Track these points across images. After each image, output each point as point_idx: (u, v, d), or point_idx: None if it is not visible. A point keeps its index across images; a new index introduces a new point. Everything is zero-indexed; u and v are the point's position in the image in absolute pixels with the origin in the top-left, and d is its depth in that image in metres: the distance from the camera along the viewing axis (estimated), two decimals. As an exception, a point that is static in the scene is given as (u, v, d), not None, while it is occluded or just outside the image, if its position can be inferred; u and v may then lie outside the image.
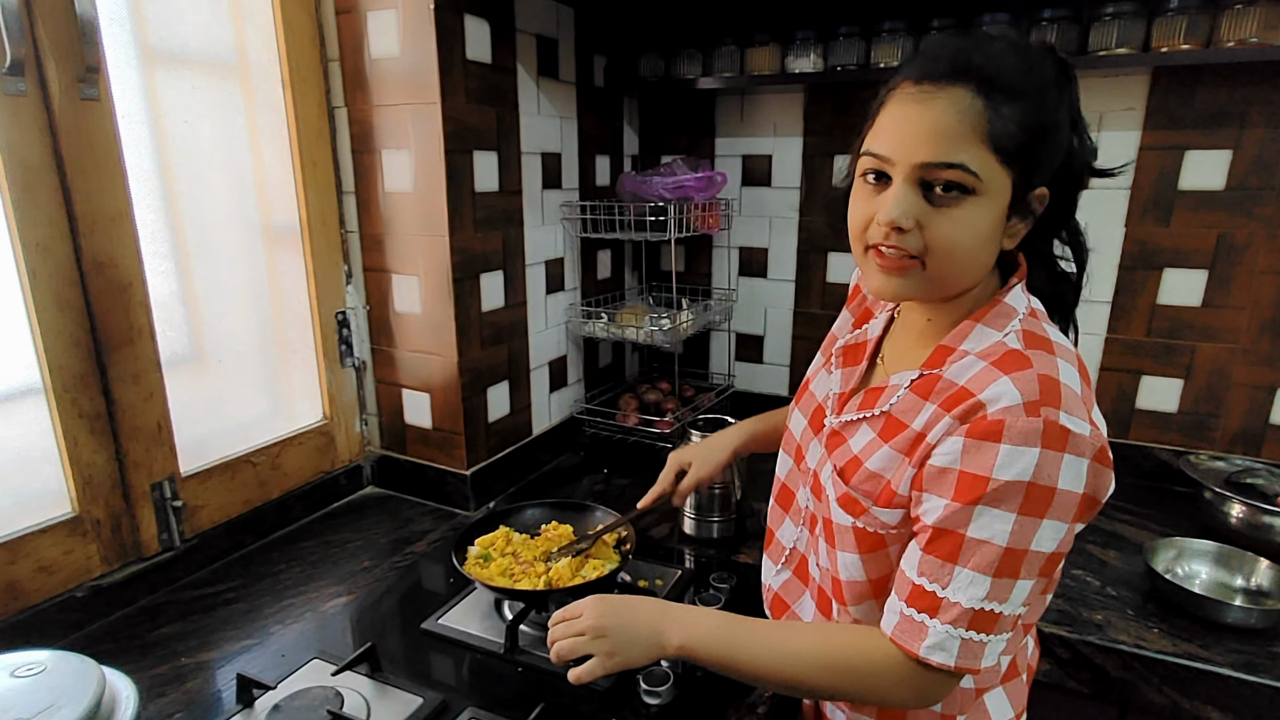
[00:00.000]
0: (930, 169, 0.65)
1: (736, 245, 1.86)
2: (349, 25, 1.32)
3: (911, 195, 0.67)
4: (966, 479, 0.65)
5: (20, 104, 0.95)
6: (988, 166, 0.65)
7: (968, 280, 0.72)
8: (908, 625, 0.68)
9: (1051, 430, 0.62)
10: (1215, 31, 1.27)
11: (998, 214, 0.68)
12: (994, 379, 0.65)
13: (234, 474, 1.28)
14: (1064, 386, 0.64)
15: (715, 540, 1.33)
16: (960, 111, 0.64)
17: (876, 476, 0.74)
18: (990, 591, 0.64)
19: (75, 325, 1.03)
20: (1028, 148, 0.66)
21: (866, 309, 0.93)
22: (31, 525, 1.01)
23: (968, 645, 0.65)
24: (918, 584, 0.68)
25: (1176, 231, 1.44)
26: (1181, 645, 1.03)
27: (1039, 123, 0.66)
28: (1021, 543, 0.63)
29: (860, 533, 0.75)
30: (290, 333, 1.40)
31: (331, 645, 1.03)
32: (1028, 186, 0.68)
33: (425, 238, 1.35)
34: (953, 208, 0.66)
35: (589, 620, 0.79)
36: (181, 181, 1.18)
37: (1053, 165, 0.69)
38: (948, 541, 0.66)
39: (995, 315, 0.72)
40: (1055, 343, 0.69)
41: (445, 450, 1.46)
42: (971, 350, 0.70)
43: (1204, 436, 1.50)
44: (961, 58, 0.65)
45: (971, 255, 0.69)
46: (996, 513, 0.63)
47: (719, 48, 1.64)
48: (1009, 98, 0.64)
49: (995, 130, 0.64)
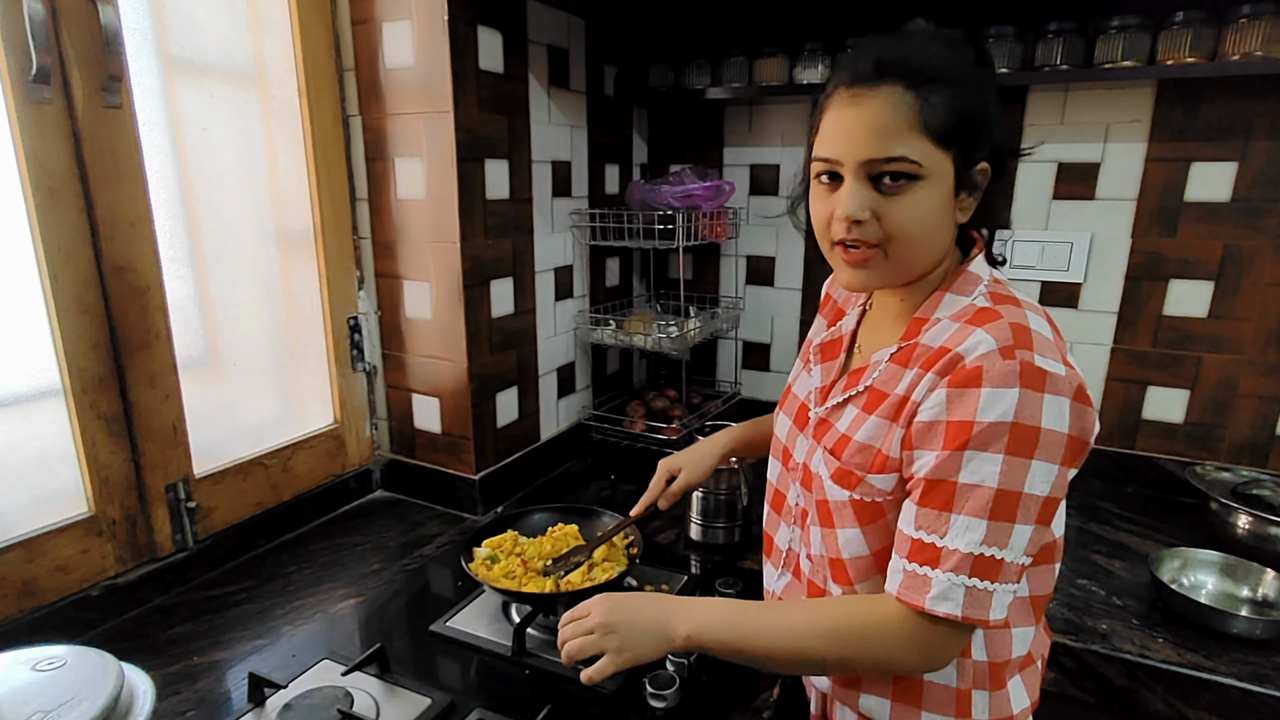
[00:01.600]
0: (875, 164, 0.70)
1: (744, 254, 1.88)
2: (364, 35, 1.35)
3: (863, 189, 0.71)
4: (953, 427, 0.67)
5: (45, 112, 0.97)
6: (927, 152, 0.69)
7: (931, 258, 0.76)
8: (911, 581, 0.69)
9: (1028, 370, 0.65)
10: (1220, 45, 1.28)
11: (945, 193, 0.72)
12: (968, 333, 0.69)
13: (246, 476, 1.29)
14: (1035, 333, 0.68)
15: (721, 546, 1.34)
16: (893, 106, 0.69)
17: (867, 447, 0.76)
18: (988, 535, 0.66)
19: (95, 328, 1.05)
20: (961, 129, 0.70)
21: (839, 309, 0.96)
22: (49, 524, 1.03)
23: (973, 594, 0.66)
24: (916, 538, 0.69)
25: (1182, 243, 1.45)
26: (1186, 655, 1.03)
27: (967, 104, 0.70)
28: (1013, 484, 0.65)
29: (858, 505, 0.76)
30: (303, 337, 1.42)
31: (341, 646, 1.04)
32: (969, 164, 0.72)
33: (436, 244, 1.37)
34: (902, 194, 0.70)
35: (597, 618, 0.80)
36: (199, 188, 1.20)
37: (989, 141, 0.73)
38: (941, 491, 0.68)
39: (962, 283, 0.76)
40: (1023, 300, 0.73)
41: (454, 455, 1.48)
42: (944, 316, 0.74)
43: (1210, 447, 1.50)
44: (886, 57, 0.70)
45: (928, 234, 0.73)
46: (985, 455, 0.66)
47: (728, 58, 1.66)
48: (936, 86, 0.69)
49: (927, 118, 0.69)
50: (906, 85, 0.69)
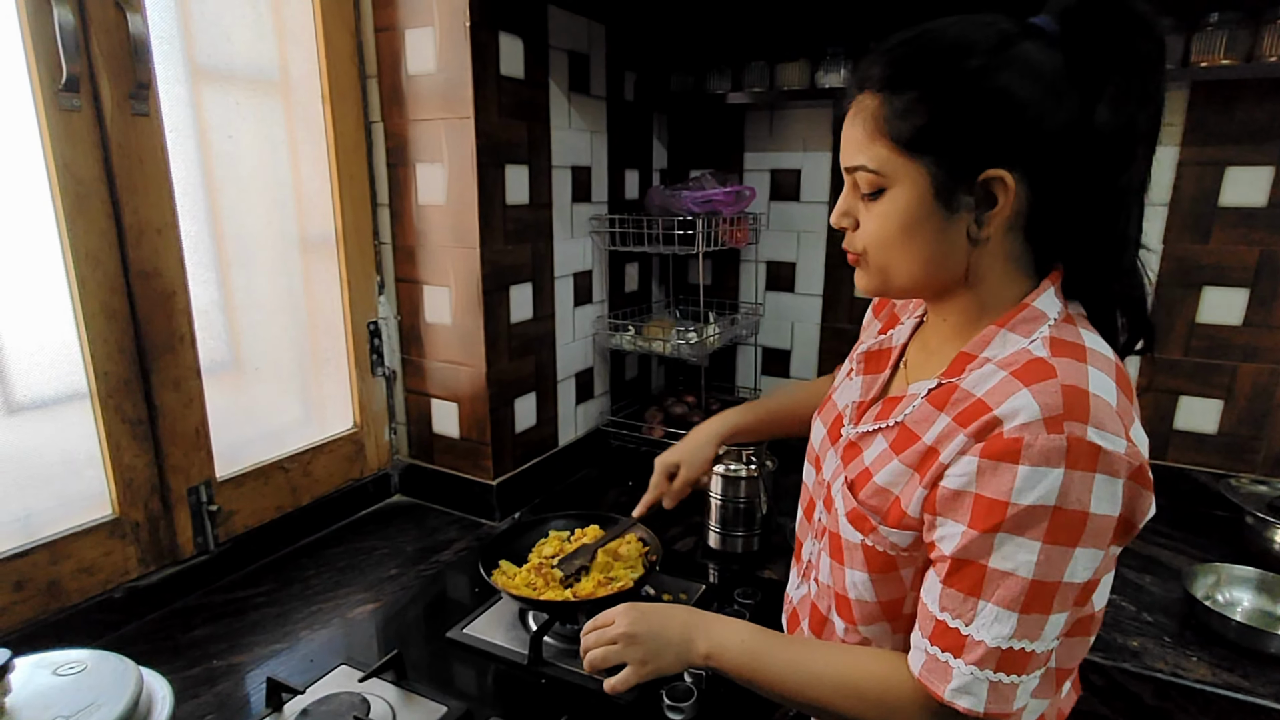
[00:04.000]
0: (849, 173, 0.70)
1: (764, 259, 1.86)
2: (387, 42, 1.36)
3: (852, 196, 0.71)
4: (983, 504, 0.60)
5: (74, 119, 0.99)
6: (888, 160, 0.66)
7: (923, 275, 0.69)
8: (933, 665, 0.64)
9: (1078, 448, 0.57)
10: (1256, 47, 1.25)
11: (918, 202, 0.66)
12: (1012, 391, 0.60)
13: (267, 479, 1.30)
14: (1093, 398, 0.58)
15: (739, 555, 1.32)
16: (862, 117, 0.67)
17: (884, 492, 0.70)
18: (1018, 629, 0.60)
19: (121, 333, 1.06)
20: (934, 131, 0.63)
21: (893, 315, 0.90)
22: (74, 526, 1.04)
23: (997, 688, 0.61)
24: (940, 620, 0.64)
25: (1216, 249, 1.41)
26: (1221, 675, 1.00)
27: (948, 102, 0.62)
28: (1051, 575, 0.58)
29: (870, 551, 0.72)
30: (323, 341, 1.43)
31: (358, 652, 1.04)
32: (956, 171, 0.64)
33: (456, 249, 1.37)
34: (874, 203, 0.69)
35: (621, 628, 0.78)
36: (224, 194, 1.21)
37: (1004, 143, 0.62)
38: (968, 573, 0.61)
39: (1021, 320, 0.67)
40: (1089, 349, 0.62)
41: (472, 460, 1.48)
42: (993, 358, 0.66)
43: (1244, 459, 1.46)
44: (864, 65, 0.68)
45: (902, 245, 0.68)
46: (1020, 541, 0.59)
47: (749, 63, 1.65)
48: (904, 87, 0.64)
49: (891, 125, 0.65)
50: (877, 89, 0.66)
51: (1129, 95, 0.61)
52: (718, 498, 1.31)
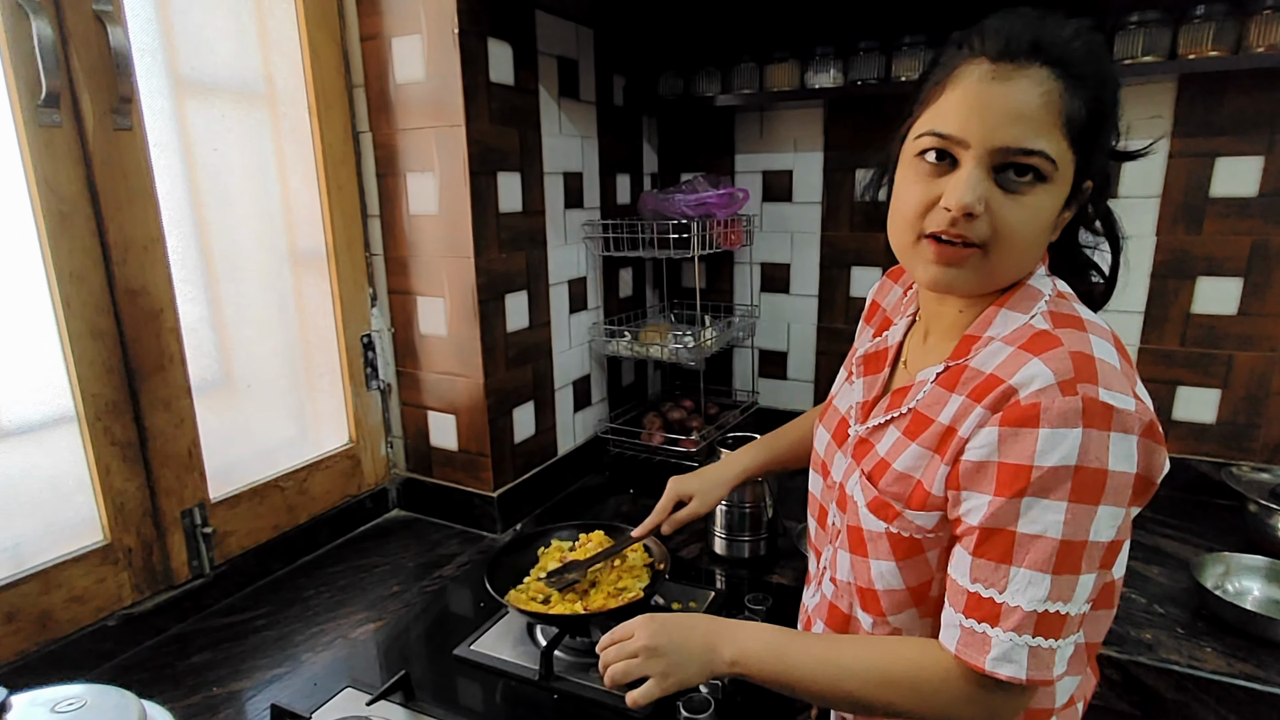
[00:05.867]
0: (1008, 153, 0.62)
1: (758, 261, 1.85)
2: (374, 51, 1.34)
3: (985, 180, 0.63)
4: (1008, 470, 0.61)
5: (55, 135, 0.96)
6: (1063, 154, 0.63)
7: (1024, 269, 0.69)
8: (970, 638, 0.64)
9: (1093, 408, 0.59)
10: (1244, 38, 1.26)
11: (1060, 200, 0.66)
12: (1023, 362, 0.62)
13: (262, 499, 1.27)
14: (1099, 362, 0.61)
15: (747, 560, 1.31)
16: (1044, 94, 0.62)
17: (905, 477, 0.71)
18: (1052, 590, 0.60)
19: (108, 353, 1.03)
20: (1091, 136, 0.64)
21: (886, 318, 0.90)
22: (64, 554, 1.01)
23: (1037, 653, 0.61)
24: (972, 591, 0.64)
25: (1209, 239, 1.42)
26: (1237, 665, 0.99)
27: (1101, 111, 0.64)
28: (1078, 533, 0.59)
29: (895, 538, 0.71)
30: (316, 356, 1.40)
31: (362, 673, 1.02)
32: (1084, 175, 0.67)
33: (450, 259, 1.35)
34: (1025, 194, 0.64)
35: (641, 640, 0.77)
36: (211, 208, 1.19)
37: (1104, 155, 0.68)
38: (998, 541, 0.62)
39: (1019, 299, 0.69)
40: (1086, 320, 0.66)
41: (471, 472, 1.45)
42: (997, 335, 0.68)
43: (1243, 448, 1.47)
44: (1045, 38, 0.62)
45: (1033, 243, 0.67)
46: (1046, 503, 0.60)
47: (738, 65, 1.64)
48: (1081, 84, 0.62)
49: (1070, 117, 0.62)
50: (1060, 73, 0.62)
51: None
52: (723, 503, 1.29)
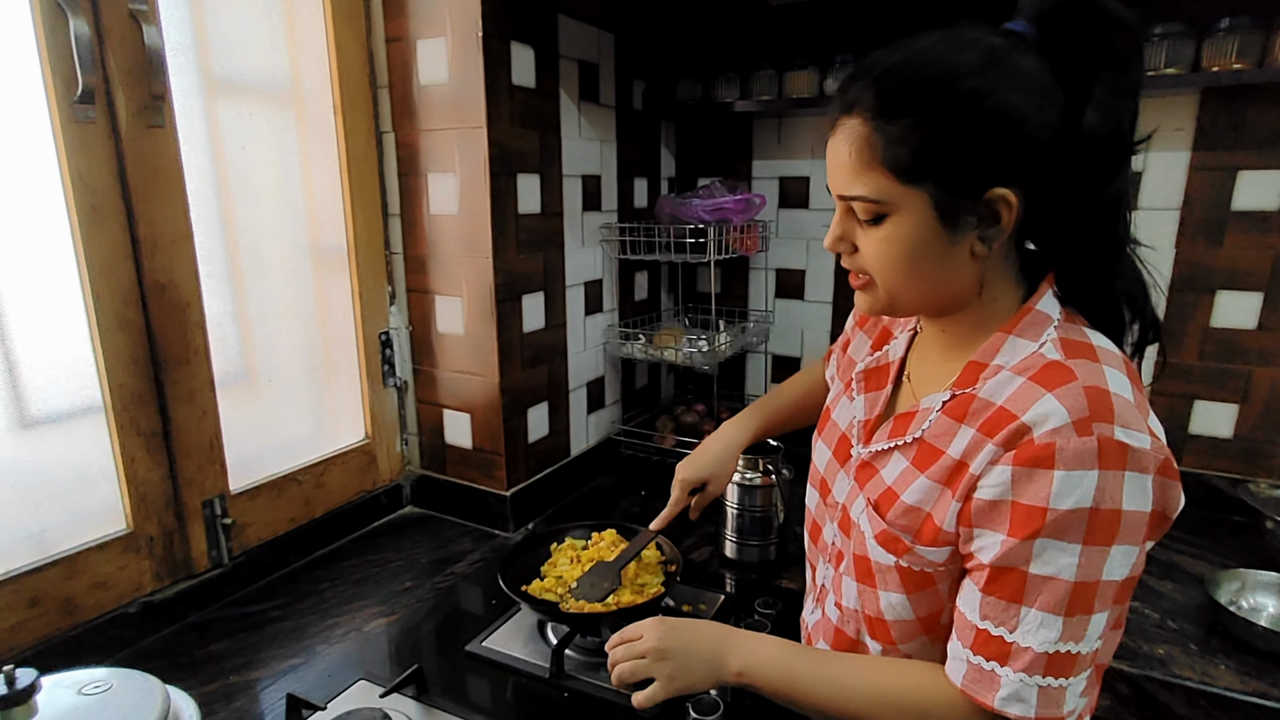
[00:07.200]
0: (844, 198, 0.68)
1: (773, 267, 1.86)
2: (398, 53, 1.36)
3: (846, 220, 0.70)
4: (1021, 511, 0.60)
5: (89, 131, 0.98)
6: (887, 188, 0.64)
7: (931, 295, 0.69)
8: (977, 675, 0.63)
9: (1109, 448, 0.58)
10: (1268, 51, 1.25)
11: (922, 227, 0.64)
12: (1036, 397, 0.61)
13: (280, 492, 1.29)
14: (1115, 397, 0.59)
15: (756, 564, 1.31)
16: (850, 143, 0.65)
17: (915, 510, 0.69)
18: (1064, 631, 0.60)
19: (135, 345, 1.05)
20: (934, 157, 0.62)
21: (885, 329, 0.89)
22: (88, 541, 1.03)
23: (1046, 693, 0.60)
24: (981, 629, 0.63)
25: (1230, 253, 1.41)
26: (1250, 682, 0.99)
27: (946, 128, 0.61)
28: (1091, 575, 0.59)
29: (905, 572, 0.71)
30: (335, 352, 1.42)
31: (375, 666, 1.03)
32: (959, 194, 0.63)
33: (469, 259, 1.37)
34: (875, 228, 0.67)
35: (650, 642, 0.77)
36: (237, 205, 1.21)
37: (1005, 161, 0.62)
38: (1009, 580, 0.61)
39: (1027, 325, 0.67)
40: (1098, 348, 0.64)
41: (485, 471, 1.47)
42: (1006, 364, 0.66)
43: (1261, 464, 1.45)
44: (847, 88, 0.65)
45: (909, 270, 0.67)
46: (1060, 545, 0.59)
47: (757, 71, 1.65)
48: (895, 115, 0.62)
49: (887, 154, 0.63)
50: (868, 117, 0.63)
51: (1115, 93, 0.61)
52: (734, 507, 1.30)
